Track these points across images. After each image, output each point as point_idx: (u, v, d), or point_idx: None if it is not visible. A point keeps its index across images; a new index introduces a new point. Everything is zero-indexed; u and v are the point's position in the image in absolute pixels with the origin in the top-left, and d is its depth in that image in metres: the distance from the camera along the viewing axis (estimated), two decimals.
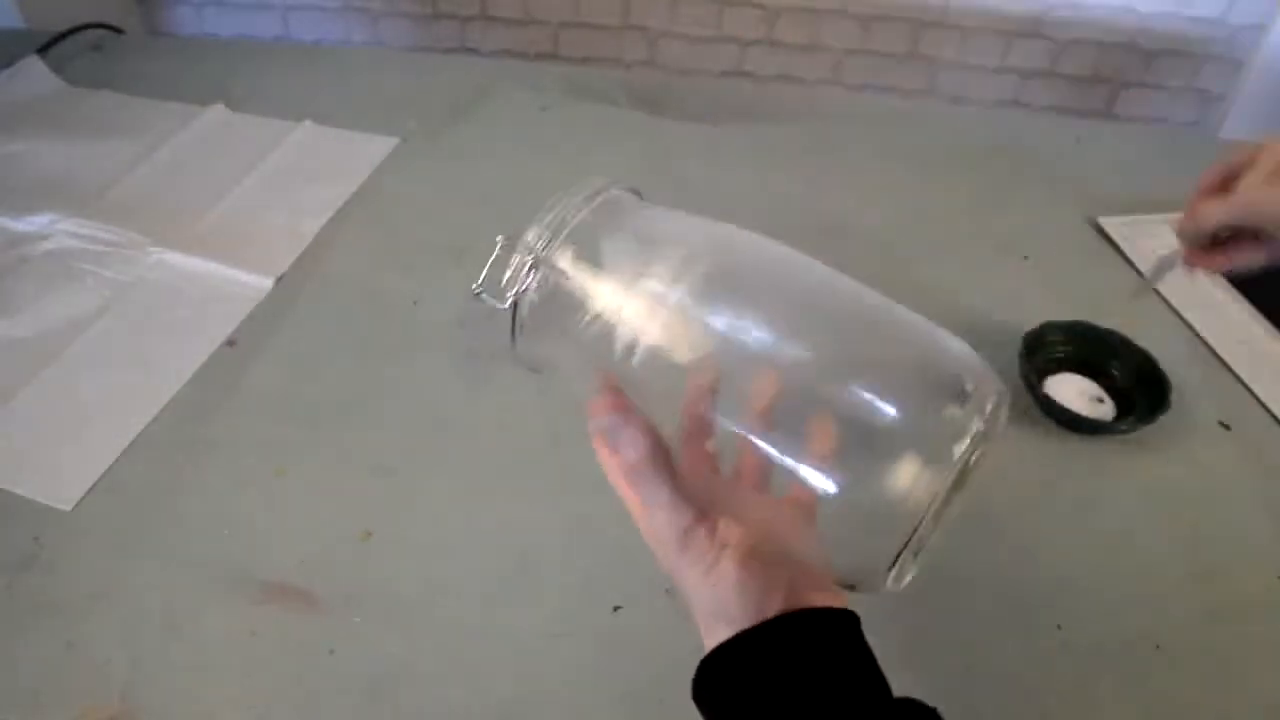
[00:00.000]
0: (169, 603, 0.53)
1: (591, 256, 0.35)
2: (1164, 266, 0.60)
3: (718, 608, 0.34)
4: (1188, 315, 0.73)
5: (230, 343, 0.70)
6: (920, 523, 0.29)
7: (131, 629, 0.52)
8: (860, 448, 0.30)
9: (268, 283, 0.75)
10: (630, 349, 0.33)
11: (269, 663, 0.50)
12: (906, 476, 0.29)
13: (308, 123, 0.95)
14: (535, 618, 0.53)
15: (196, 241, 0.79)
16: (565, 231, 0.36)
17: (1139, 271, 0.78)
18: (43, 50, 1.05)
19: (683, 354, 0.33)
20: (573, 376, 0.38)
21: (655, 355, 0.33)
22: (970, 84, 1.54)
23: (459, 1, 1.60)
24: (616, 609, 0.53)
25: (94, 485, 0.59)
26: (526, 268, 0.35)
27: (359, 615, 0.53)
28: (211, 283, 0.75)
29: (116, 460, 0.61)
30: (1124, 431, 0.62)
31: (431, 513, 0.59)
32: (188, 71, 1.05)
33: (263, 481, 0.60)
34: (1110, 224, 0.83)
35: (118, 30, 1.14)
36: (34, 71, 1.02)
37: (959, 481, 0.30)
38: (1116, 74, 1.50)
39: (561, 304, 0.35)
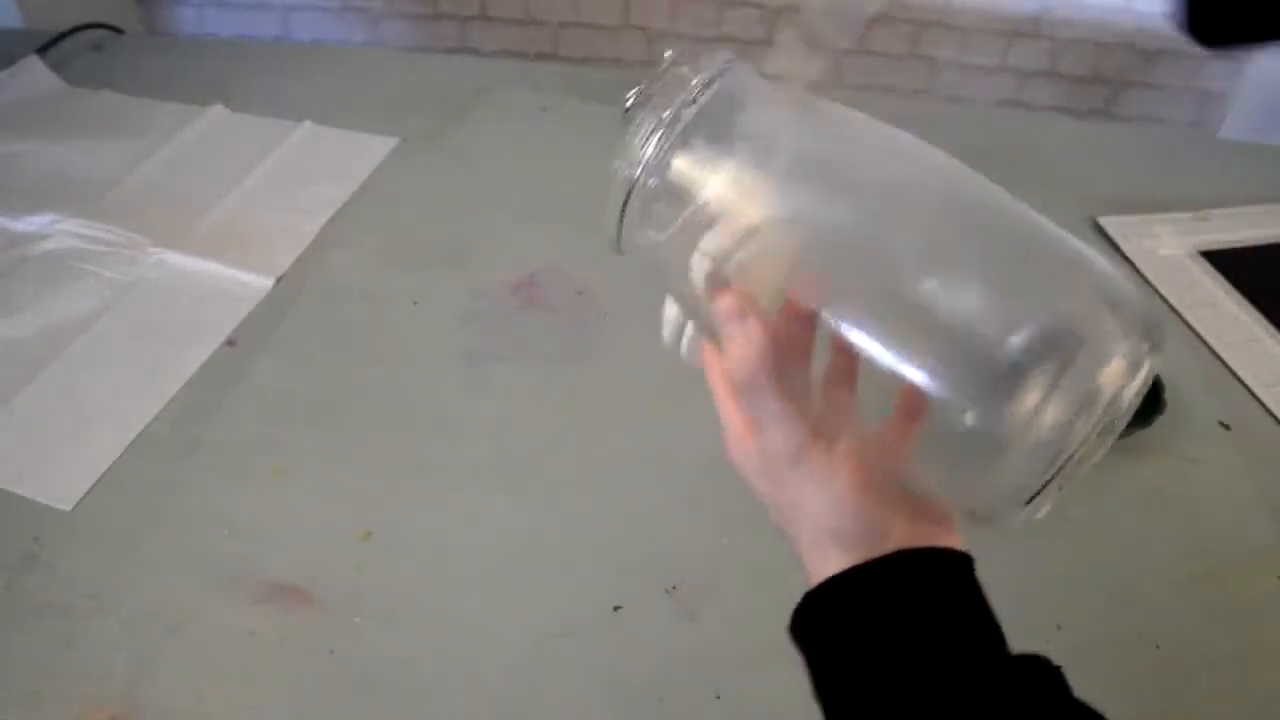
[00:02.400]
0: (169, 603, 0.53)
1: (714, 137, 0.32)
2: None
3: (834, 528, 0.31)
4: (1188, 315, 0.73)
5: (230, 343, 0.70)
6: (1074, 454, 0.26)
7: (131, 629, 0.52)
8: (1022, 368, 0.26)
9: (268, 283, 0.75)
10: (740, 242, 0.31)
11: (269, 663, 0.50)
12: (1074, 402, 0.26)
13: (308, 123, 0.95)
14: (535, 618, 0.53)
15: (196, 241, 0.79)
16: (696, 107, 0.33)
17: (1136, 268, 0.78)
18: (43, 50, 1.05)
19: (798, 255, 0.30)
20: (664, 270, 0.36)
21: (766, 253, 0.31)
22: (970, 84, 1.54)
23: (459, 1, 1.60)
24: (616, 609, 0.53)
25: (94, 485, 0.59)
26: (659, 136, 0.33)
27: (359, 615, 0.53)
28: (211, 283, 0.75)
29: (116, 460, 0.61)
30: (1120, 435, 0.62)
31: (431, 513, 0.59)
32: (188, 71, 1.05)
33: (263, 481, 0.60)
34: (1110, 224, 0.83)
35: (118, 30, 1.13)
36: (34, 71, 1.02)
37: (1108, 425, 0.27)
38: (1116, 74, 1.50)
39: (675, 186, 0.33)
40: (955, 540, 0.32)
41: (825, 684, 0.31)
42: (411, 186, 0.88)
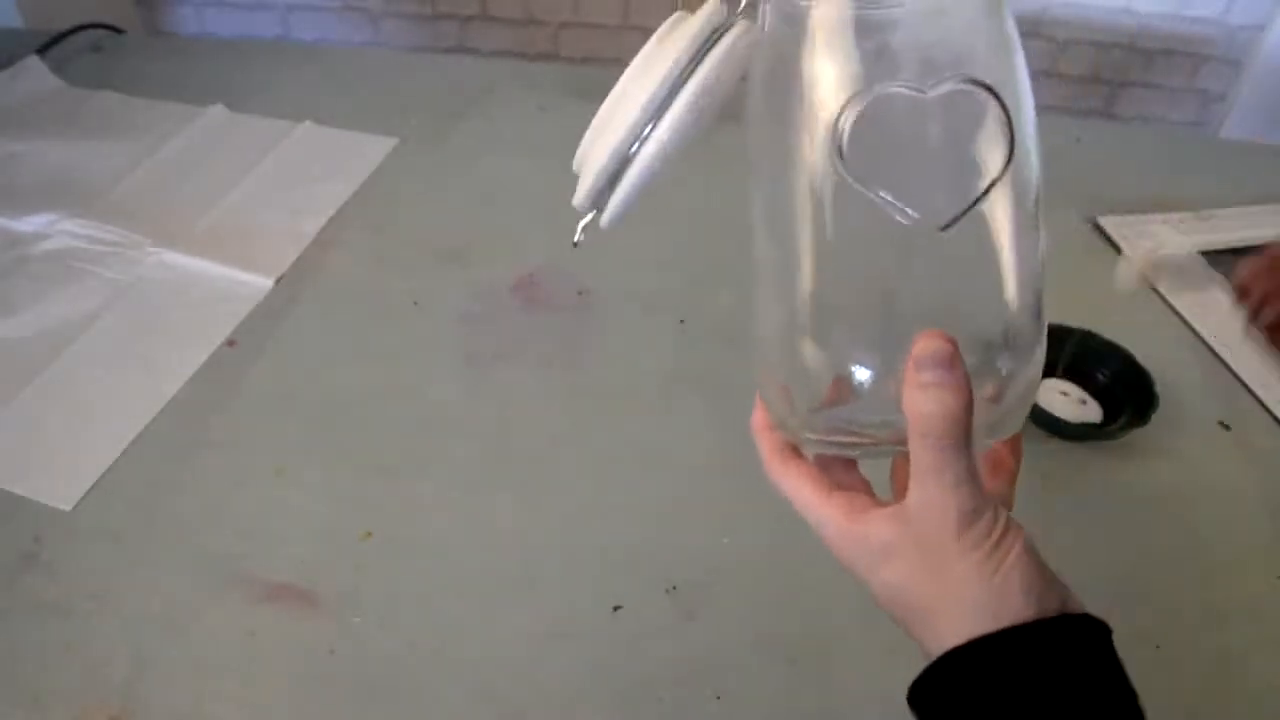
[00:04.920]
0: (169, 603, 0.53)
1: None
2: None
3: (996, 603, 0.28)
4: (1187, 315, 0.73)
5: (230, 343, 0.70)
6: None
7: (131, 629, 0.52)
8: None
9: (268, 283, 0.75)
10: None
11: (269, 663, 0.50)
12: None
13: (308, 123, 0.95)
14: (535, 618, 0.53)
15: (196, 241, 0.79)
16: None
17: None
18: (43, 50, 1.05)
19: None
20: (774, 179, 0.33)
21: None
22: None
23: (459, 1, 1.60)
24: (616, 609, 0.53)
25: (94, 485, 0.59)
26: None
27: (359, 615, 0.53)
28: (211, 283, 0.75)
29: (116, 460, 0.61)
30: (1115, 434, 0.62)
31: (431, 513, 0.59)
32: (188, 71, 1.05)
33: (263, 481, 0.60)
34: (1110, 224, 0.83)
35: (118, 30, 1.14)
36: (34, 71, 1.02)
37: None
38: (1116, 74, 1.50)
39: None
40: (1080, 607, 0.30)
41: None
42: (411, 186, 0.88)
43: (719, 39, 0.30)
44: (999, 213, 0.30)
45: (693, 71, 0.30)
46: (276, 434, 0.63)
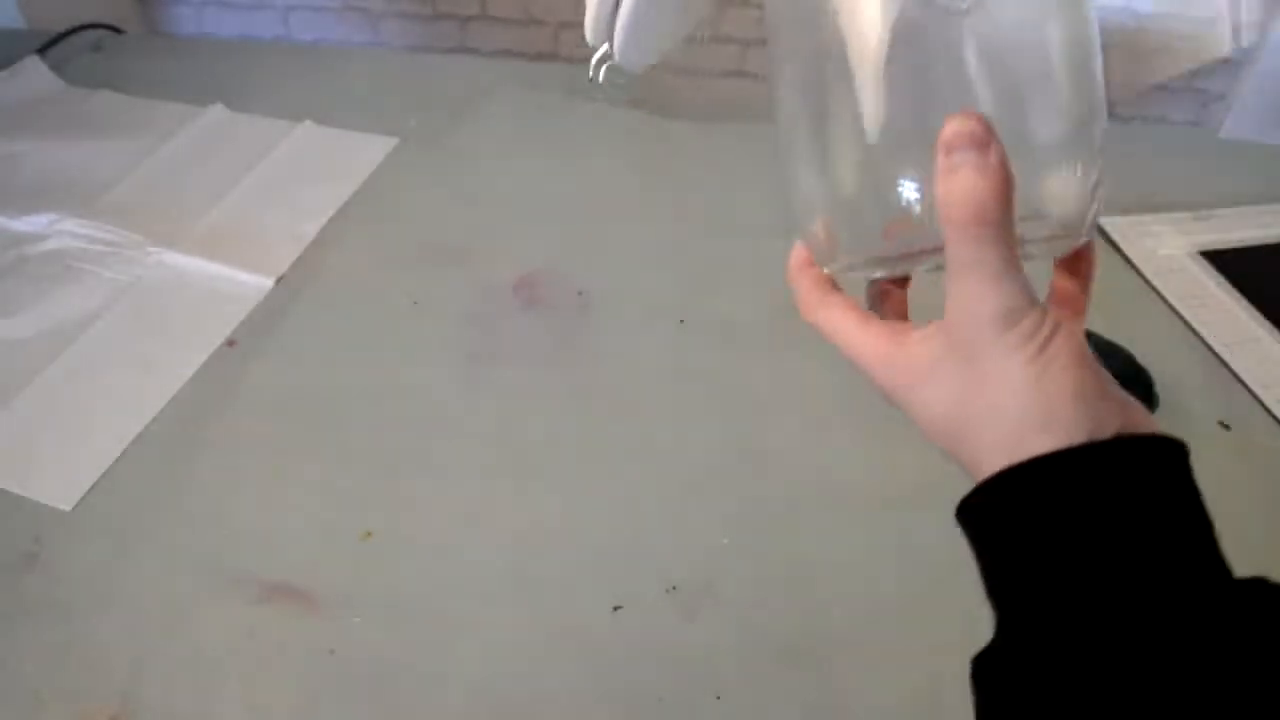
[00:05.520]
0: (169, 603, 0.53)
1: None
2: None
3: (1045, 411, 0.26)
4: (1188, 315, 0.73)
5: (230, 343, 0.70)
6: None
7: (131, 629, 0.52)
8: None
9: (268, 283, 0.75)
10: None
11: (269, 663, 0.50)
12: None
13: (308, 123, 0.95)
14: (535, 618, 0.53)
15: (196, 241, 0.79)
16: None
17: (1136, 268, 0.78)
18: (43, 50, 1.05)
19: None
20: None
21: None
22: None
23: (459, 1, 1.60)
24: (616, 609, 0.53)
25: (94, 485, 0.59)
26: None
27: (359, 615, 0.53)
28: (211, 283, 0.75)
29: (116, 460, 0.61)
30: None
31: (431, 513, 0.59)
32: (188, 71, 1.05)
33: (263, 481, 0.60)
34: (1110, 224, 0.83)
35: (118, 30, 1.13)
36: (34, 71, 1.02)
37: None
38: (1116, 74, 1.50)
39: None
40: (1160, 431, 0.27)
41: (1014, 573, 0.26)
42: (411, 186, 0.88)
43: None
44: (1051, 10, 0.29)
45: None
46: (276, 434, 0.63)
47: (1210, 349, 0.71)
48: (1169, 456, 0.26)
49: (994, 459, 0.26)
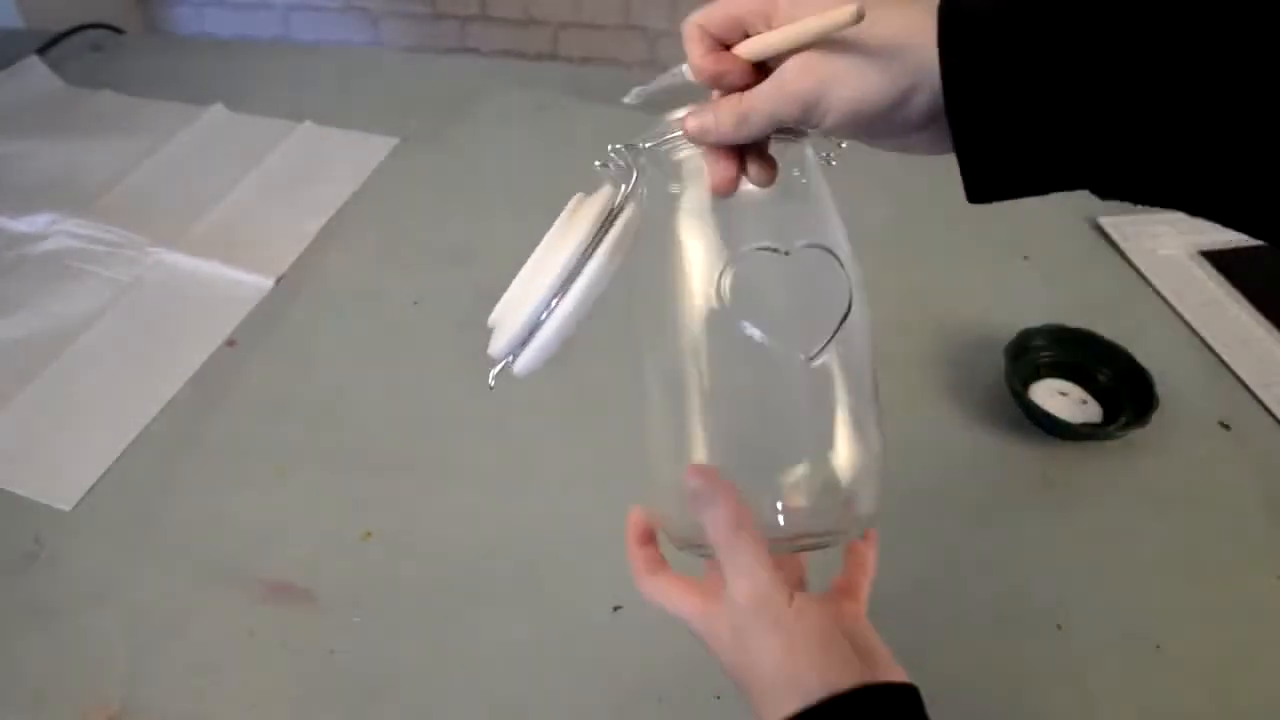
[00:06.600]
0: (169, 602, 0.53)
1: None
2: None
3: (789, 676, 0.32)
4: (1187, 315, 0.73)
5: (230, 343, 0.70)
6: None
7: (131, 629, 0.52)
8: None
9: (268, 283, 0.75)
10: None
11: (269, 663, 0.50)
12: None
13: (308, 123, 0.95)
14: (535, 618, 0.53)
15: (196, 241, 0.79)
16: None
17: (1136, 268, 0.78)
18: (43, 50, 1.05)
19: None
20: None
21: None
22: None
23: (459, 1, 1.60)
24: (616, 609, 0.53)
25: (94, 485, 0.59)
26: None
27: (359, 615, 0.53)
28: (211, 283, 0.75)
29: (116, 460, 0.61)
30: (1115, 434, 0.62)
31: (431, 513, 0.59)
32: (188, 71, 1.05)
33: (263, 481, 0.60)
34: (1110, 224, 0.83)
35: (118, 30, 1.14)
36: (34, 71, 1.02)
37: None
38: None
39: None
40: (900, 675, 0.34)
41: None
42: (411, 186, 0.88)
43: (614, 221, 0.37)
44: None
45: (595, 248, 0.37)
46: (276, 434, 0.63)
47: (1210, 349, 0.71)
48: (900, 699, 0.32)
49: (763, 712, 0.33)
